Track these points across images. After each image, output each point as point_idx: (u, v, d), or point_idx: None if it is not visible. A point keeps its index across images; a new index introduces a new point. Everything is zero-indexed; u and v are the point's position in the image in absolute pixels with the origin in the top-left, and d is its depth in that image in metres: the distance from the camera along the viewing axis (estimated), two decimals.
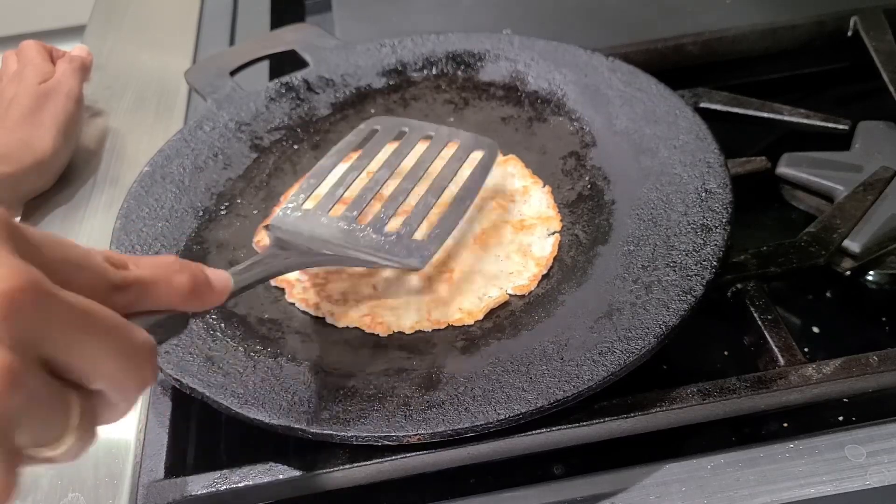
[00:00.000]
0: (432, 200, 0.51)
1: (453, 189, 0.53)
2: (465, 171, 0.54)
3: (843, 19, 0.70)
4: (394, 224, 0.50)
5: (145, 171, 0.59)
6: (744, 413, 0.46)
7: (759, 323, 0.49)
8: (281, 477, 0.43)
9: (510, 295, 0.51)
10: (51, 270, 0.28)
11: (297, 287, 0.53)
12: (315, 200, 0.52)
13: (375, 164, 0.54)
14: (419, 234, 0.49)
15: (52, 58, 0.72)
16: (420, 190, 0.52)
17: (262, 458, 0.44)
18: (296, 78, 0.67)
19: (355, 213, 0.50)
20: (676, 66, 0.69)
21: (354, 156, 0.55)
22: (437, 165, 0.54)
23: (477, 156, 0.54)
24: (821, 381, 0.45)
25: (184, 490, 0.44)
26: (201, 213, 0.58)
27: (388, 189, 0.52)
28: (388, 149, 0.55)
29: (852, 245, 0.53)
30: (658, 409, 0.44)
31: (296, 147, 0.64)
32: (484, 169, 0.53)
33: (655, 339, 0.44)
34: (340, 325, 0.51)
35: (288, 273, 0.45)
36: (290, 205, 0.51)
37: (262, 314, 0.52)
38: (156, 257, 0.34)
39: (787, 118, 0.63)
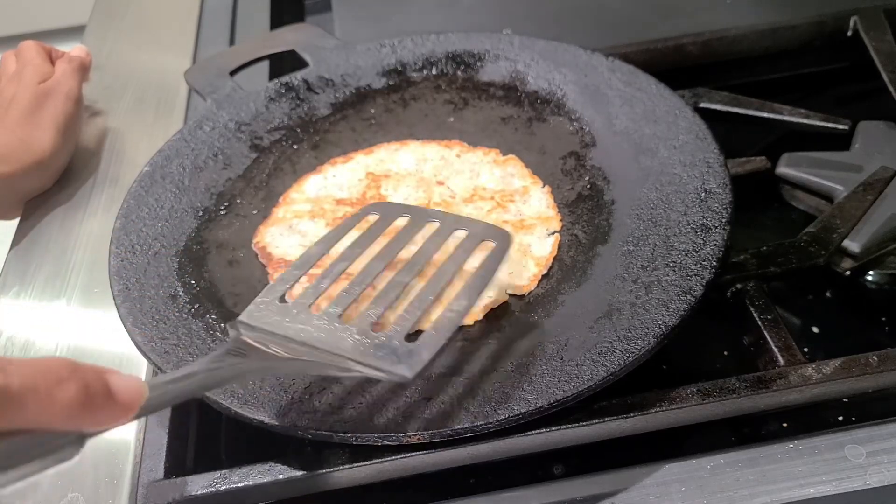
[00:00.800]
0: (430, 297, 0.43)
1: (457, 284, 0.45)
2: (472, 263, 0.45)
3: (843, 19, 0.70)
4: (383, 324, 0.43)
5: (145, 171, 0.59)
6: (744, 413, 0.46)
7: (759, 323, 0.49)
8: (281, 477, 0.43)
9: (510, 295, 0.51)
10: None
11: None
12: (296, 293, 0.45)
13: (369, 254, 0.47)
14: (411, 337, 0.42)
15: (52, 58, 0.72)
16: (418, 285, 0.45)
17: (262, 458, 0.44)
18: (296, 78, 0.67)
19: (339, 309, 0.43)
20: (676, 66, 0.69)
21: (345, 243, 0.48)
22: (440, 257, 0.46)
23: (487, 246, 0.46)
24: (821, 381, 0.45)
25: (184, 490, 0.44)
26: (201, 213, 0.58)
27: (381, 283, 0.45)
28: (386, 237, 0.48)
29: (852, 245, 0.53)
30: (658, 409, 0.44)
31: (295, 147, 0.64)
32: (493, 262, 0.45)
33: (655, 339, 0.44)
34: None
35: (235, 382, 0.40)
36: (265, 298, 0.44)
37: None
38: (38, 361, 0.27)
39: (787, 118, 0.63)
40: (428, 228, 0.48)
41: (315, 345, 0.41)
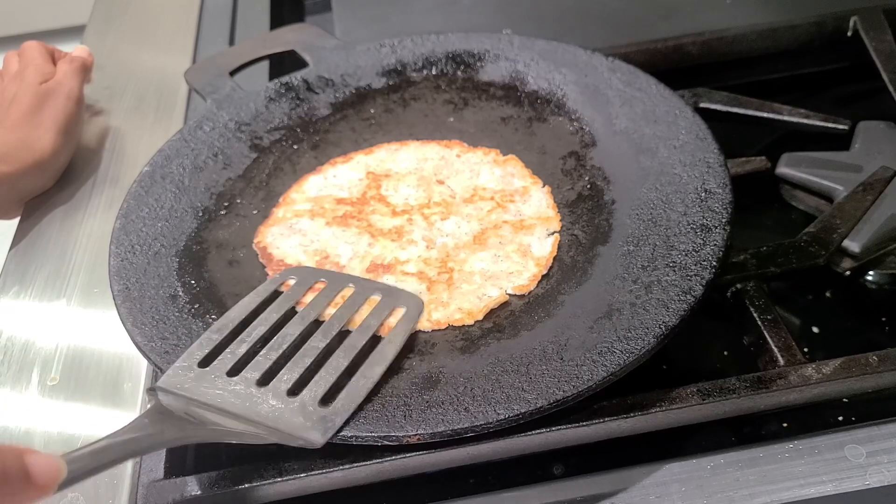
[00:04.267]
0: (343, 363, 0.45)
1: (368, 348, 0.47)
2: (385, 328, 0.48)
3: (843, 19, 0.70)
4: (297, 388, 0.44)
5: (145, 171, 0.59)
6: (744, 413, 0.46)
7: (759, 323, 0.49)
8: (281, 477, 0.43)
9: (510, 295, 0.51)
10: None
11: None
12: (212, 359, 0.46)
13: (285, 319, 0.48)
14: (324, 402, 0.43)
15: (54, 59, 0.72)
16: (331, 349, 0.46)
17: (262, 458, 0.44)
18: (295, 78, 0.67)
19: (256, 374, 0.44)
20: (676, 66, 0.69)
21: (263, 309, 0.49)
22: (353, 322, 0.48)
23: (399, 312, 0.49)
24: (821, 381, 0.45)
25: (184, 490, 0.44)
26: (201, 213, 0.58)
27: (296, 348, 0.46)
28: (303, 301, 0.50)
29: (852, 245, 0.53)
30: (658, 409, 0.44)
31: (295, 147, 0.64)
32: (405, 326, 0.48)
33: (655, 339, 0.44)
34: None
35: (155, 451, 0.40)
36: (183, 363, 0.45)
37: None
38: None
39: (787, 118, 0.63)
40: (344, 293, 0.50)
41: (231, 410, 0.42)
